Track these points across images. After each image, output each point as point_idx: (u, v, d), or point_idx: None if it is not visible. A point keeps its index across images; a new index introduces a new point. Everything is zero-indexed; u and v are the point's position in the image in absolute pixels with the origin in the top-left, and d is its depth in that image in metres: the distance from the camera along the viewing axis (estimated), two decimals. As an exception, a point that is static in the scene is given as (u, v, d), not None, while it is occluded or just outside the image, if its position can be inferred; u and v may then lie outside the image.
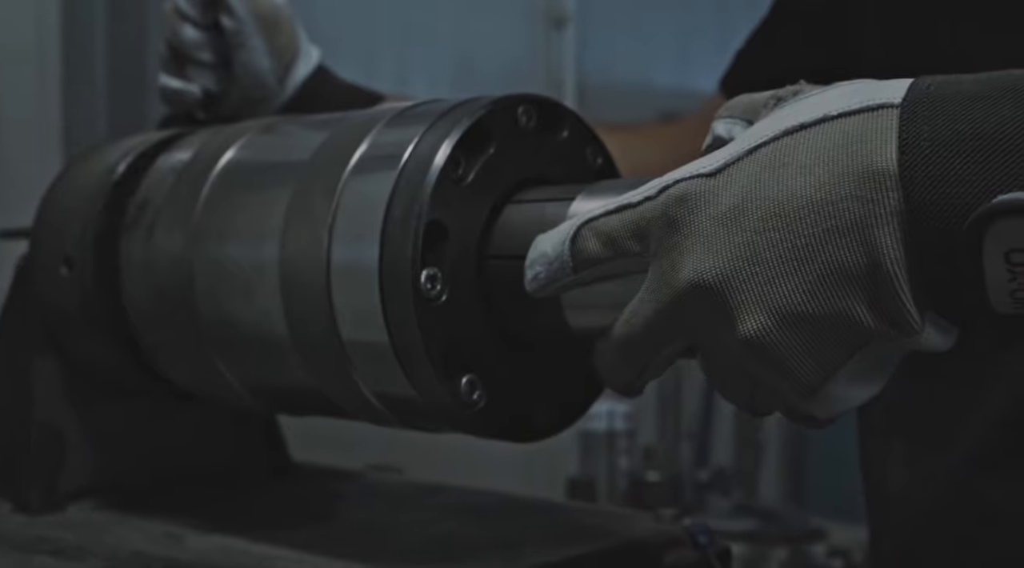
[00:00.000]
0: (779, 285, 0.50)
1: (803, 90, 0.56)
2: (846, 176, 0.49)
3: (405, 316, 0.65)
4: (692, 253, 0.53)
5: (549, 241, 0.60)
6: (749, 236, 0.51)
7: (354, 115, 0.77)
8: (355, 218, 0.67)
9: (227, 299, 0.76)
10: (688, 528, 0.85)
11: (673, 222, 0.54)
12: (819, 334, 0.50)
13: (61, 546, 0.81)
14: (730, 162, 0.53)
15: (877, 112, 0.49)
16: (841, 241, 0.49)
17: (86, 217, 0.86)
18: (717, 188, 0.53)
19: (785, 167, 0.51)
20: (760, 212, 0.51)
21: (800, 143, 0.51)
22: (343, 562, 0.75)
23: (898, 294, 0.48)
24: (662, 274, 0.55)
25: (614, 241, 0.57)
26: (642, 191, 0.57)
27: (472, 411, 0.67)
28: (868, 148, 0.49)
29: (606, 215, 0.58)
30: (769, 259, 0.50)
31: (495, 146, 0.68)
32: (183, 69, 1.01)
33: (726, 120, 0.59)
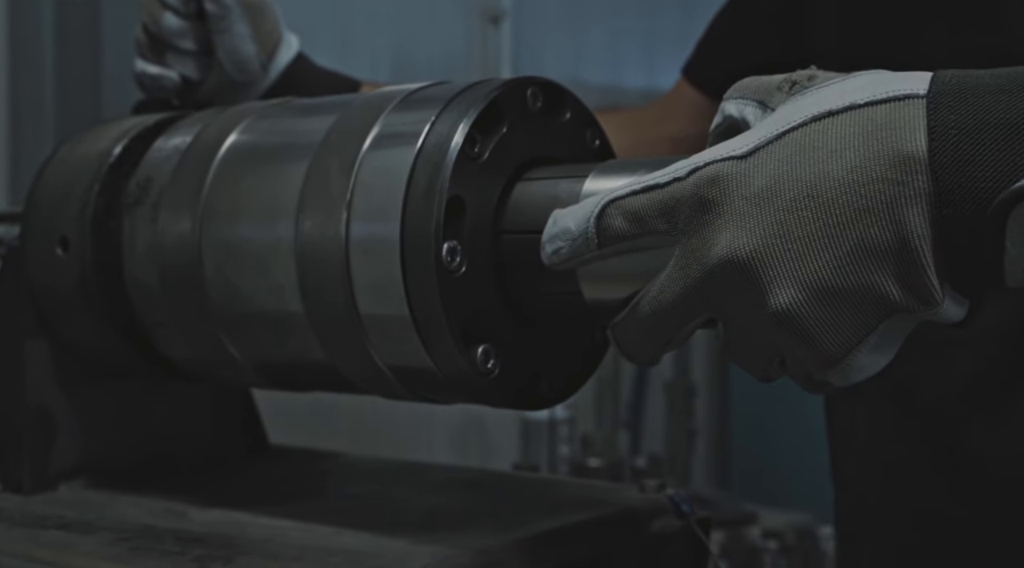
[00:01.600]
0: (811, 261, 0.54)
1: (817, 76, 0.59)
2: (877, 160, 0.52)
3: (427, 288, 0.67)
4: (725, 231, 0.56)
5: (572, 217, 0.63)
6: (782, 215, 0.54)
7: (358, 98, 0.80)
8: (375, 194, 0.70)
9: (238, 276, 0.77)
10: (672, 497, 0.89)
11: (704, 202, 0.57)
12: (847, 307, 0.54)
13: (66, 522, 0.82)
14: (761, 145, 0.56)
15: (904, 102, 0.53)
16: (871, 220, 0.52)
17: (83, 198, 0.87)
18: (749, 170, 0.56)
19: (816, 150, 0.54)
20: (792, 192, 0.54)
21: (829, 129, 0.54)
22: (351, 531, 0.78)
23: (924, 269, 0.52)
24: (692, 251, 0.58)
25: (642, 219, 0.60)
26: (669, 172, 0.59)
27: (487, 380, 0.70)
28: (898, 134, 0.52)
29: (632, 194, 0.60)
30: (801, 236, 0.54)
31: (507, 126, 0.71)
32: (162, 56, 1.02)
33: (737, 101, 0.61)
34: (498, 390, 0.71)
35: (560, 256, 0.63)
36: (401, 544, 0.74)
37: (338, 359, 0.75)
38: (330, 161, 0.73)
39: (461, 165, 0.68)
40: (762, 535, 2.34)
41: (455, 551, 0.72)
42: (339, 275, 0.71)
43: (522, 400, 0.73)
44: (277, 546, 0.74)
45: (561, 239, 0.63)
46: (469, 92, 0.72)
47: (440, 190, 0.67)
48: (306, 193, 0.74)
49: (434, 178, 0.68)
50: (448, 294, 0.67)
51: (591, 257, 0.62)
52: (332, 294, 0.72)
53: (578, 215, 0.62)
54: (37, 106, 1.66)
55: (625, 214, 0.60)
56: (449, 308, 0.68)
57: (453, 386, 0.71)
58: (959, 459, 0.90)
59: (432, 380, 0.72)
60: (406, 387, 0.74)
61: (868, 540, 0.99)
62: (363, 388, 0.77)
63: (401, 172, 0.69)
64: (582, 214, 0.62)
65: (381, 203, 0.69)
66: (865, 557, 1.00)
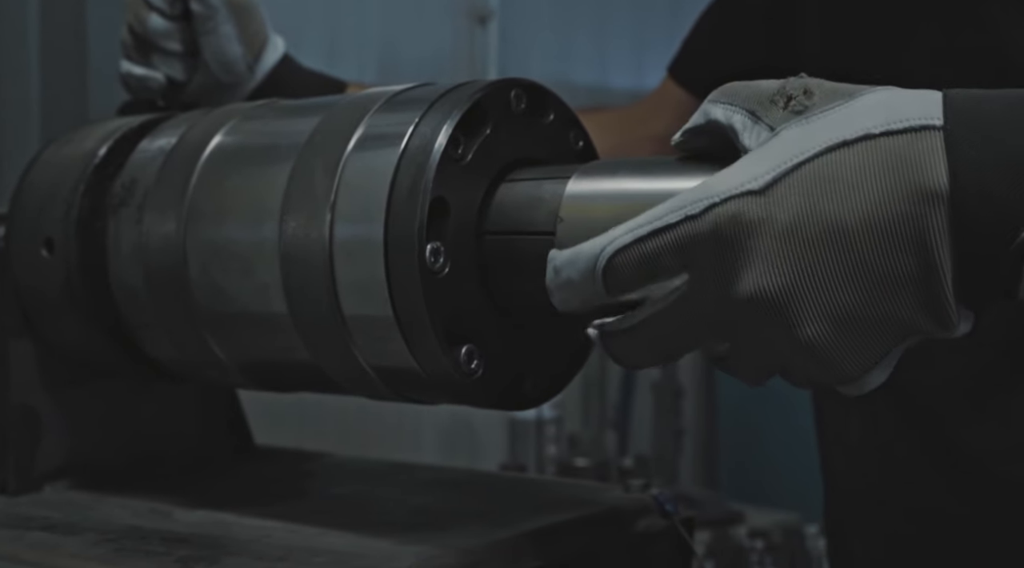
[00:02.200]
0: (838, 295, 0.54)
1: (812, 91, 0.58)
2: (899, 195, 0.53)
3: (411, 289, 0.68)
4: (750, 269, 0.56)
5: (574, 269, 0.61)
6: (807, 252, 0.54)
7: (343, 99, 0.80)
8: (359, 195, 0.70)
9: (222, 277, 0.77)
10: (656, 497, 0.89)
11: (725, 241, 0.56)
12: (870, 334, 0.55)
13: (51, 523, 0.82)
14: (777, 178, 0.55)
15: (921, 133, 0.54)
16: (895, 254, 0.53)
17: (68, 199, 0.87)
18: (770, 206, 0.55)
19: (836, 184, 0.54)
20: (816, 229, 0.54)
21: (847, 160, 0.54)
22: (337, 532, 0.78)
23: (945, 298, 0.53)
24: (710, 286, 0.57)
25: (653, 263, 0.58)
26: (679, 209, 0.57)
27: (471, 380, 0.70)
28: (918, 169, 0.53)
29: (639, 241, 0.58)
30: (827, 272, 0.54)
31: (491, 127, 0.71)
32: (147, 57, 1.02)
33: (724, 106, 0.61)
34: (482, 390, 0.71)
35: (571, 306, 0.63)
36: (386, 544, 0.75)
37: (322, 360, 0.75)
38: (314, 162, 0.73)
39: (445, 166, 0.68)
40: (748, 534, 2.35)
41: (440, 551, 0.73)
42: (323, 276, 0.71)
43: (506, 400, 0.73)
44: (262, 546, 0.75)
45: (567, 290, 0.62)
46: (453, 94, 0.72)
47: (424, 191, 0.67)
48: (290, 194, 0.74)
49: (418, 179, 0.68)
50: (432, 295, 0.68)
51: (604, 303, 0.62)
52: (316, 295, 0.72)
53: (580, 266, 0.60)
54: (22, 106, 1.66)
55: (634, 263, 0.58)
56: (433, 309, 0.68)
57: (437, 387, 0.72)
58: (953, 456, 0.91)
59: (416, 381, 0.72)
60: (390, 388, 0.75)
61: (859, 535, 1.00)
62: (347, 389, 0.78)
63: (385, 173, 0.69)
64: (584, 265, 0.60)
65: (365, 204, 0.70)
66: (856, 551, 1.01)
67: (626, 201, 0.66)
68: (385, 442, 2.29)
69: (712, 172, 0.63)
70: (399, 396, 0.76)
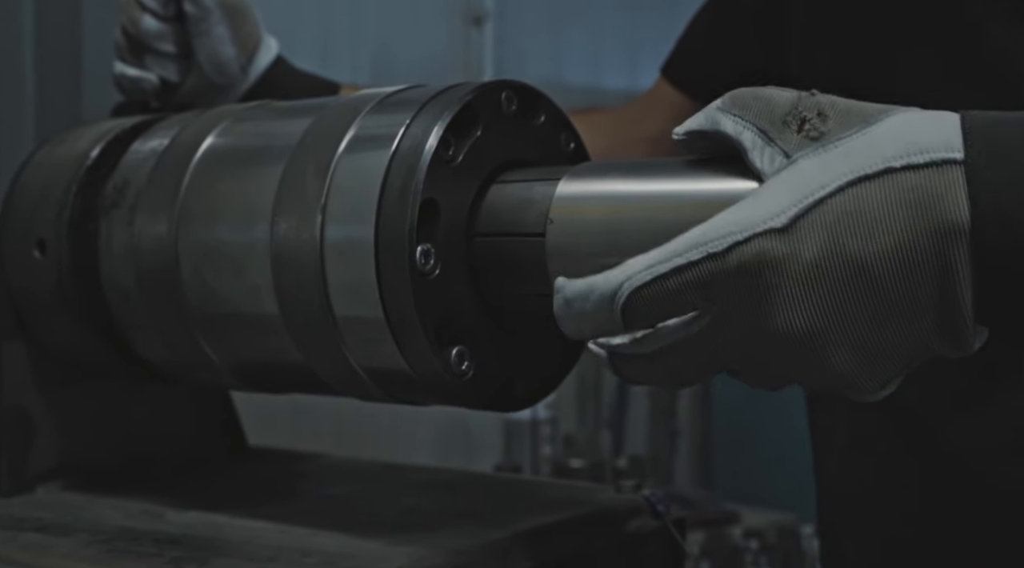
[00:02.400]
0: (861, 326, 0.55)
1: (824, 110, 0.58)
2: (922, 231, 0.54)
3: (401, 290, 0.68)
4: (776, 307, 0.56)
5: (588, 302, 0.59)
6: (833, 289, 0.55)
7: (334, 101, 0.80)
8: (350, 196, 0.70)
9: (214, 278, 0.78)
10: (648, 498, 0.90)
11: (750, 279, 0.56)
12: (891, 358, 0.57)
13: (43, 524, 0.82)
14: (799, 214, 0.55)
15: (942, 168, 0.54)
16: (919, 287, 0.54)
17: (60, 200, 0.87)
18: (794, 245, 0.55)
19: (859, 221, 0.55)
20: (842, 267, 0.55)
21: (869, 196, 0.55)
22: (327, 533, 0.78)
23: (965, 323, 0.55)
24: (737, 322, 0.57)
25: (675, 300, 0.58)
26: (701, 246, 0.57)
27: (461, 382, 0.70)
28: (941, 206, 0.54)
29: (660, 279, 0.57)
30: (852, 306, 0.55)
31: (481, 129, 0.71)
32: (140, 58, 1.02)
33: (735, 119, 0.60)
34: (473, 392, 0.71)
35: (583, 335, 0.62)
36: (377, 545, 0.75)
37: (313, 361, 0.75)
38: (306, 164, 0.74)
39: (435, 168, 0.69)
40: (743, 534, 2.35)
41: (431, 551, 0.73)
42: (314, 277, 0.71)
43: (497, 402, 0.73)
44: (254, 547, 0.75)
45: (580, 322, 0.61)
46: (444, 95, 0.72)
47: (414, 193, 0.68)
48: (282, 196, 0.74)
49: (408, 181, 0.68)
50: (422, 296, 0.68)
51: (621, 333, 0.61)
52: (307, 296, 0.72)
53: (596, 300, 0.59)
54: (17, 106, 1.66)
55: (655, 300, 0.58)
56: (423, 310, 0.68)
57: (428, 388, 0.72)
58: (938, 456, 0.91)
59: (407, 382, 0.72)
60: (381, 389, 0.75)
61: (851, 535, 1.00)
62: (339, 390, 0.78)
63: (376, 175, 0.69)
64: (600, 299, 0.59)
65: (356, 206, 0.70)
66: (849, 552, 1.01)
67: (616, 203, 0.66)
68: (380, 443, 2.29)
69: (704, 175, 0.63)
70: (390, 397, 0.76)
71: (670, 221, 0.63)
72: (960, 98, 0.87)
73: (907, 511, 0.94)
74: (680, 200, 0.64)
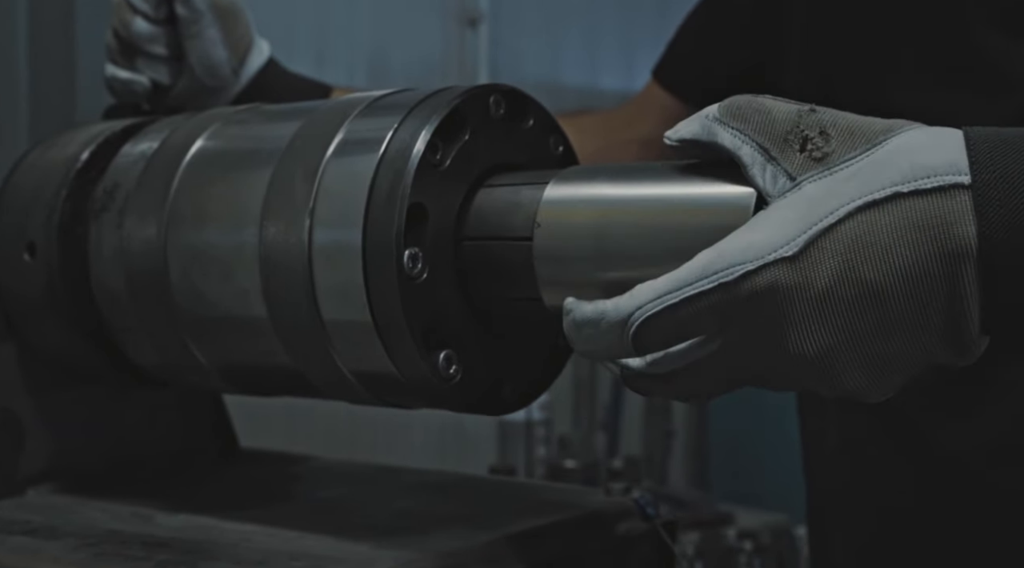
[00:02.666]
0: (873, 348, 0.56)
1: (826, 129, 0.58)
2: (932, 256, 0.55)
3: (388, 294, 0.68)
4: (788, 333, 0.56)
5: (598, 329, 0.60)
6: (844, 314, 0.56)
7: (324, 105, 0.80)
8: (338, 200, 0.70)
9: (203, 281, 0.78)
10: (637, 500, 0.90)
11: (763, 308, 0.57)
12: (900, 372, 0.58)
13: (32, 527, 0.82)
14: (810, 242, 0.56)
15: (950, 193, 0.55)
16: (929, 310, 0.55)
17: (50, 204, 0.87)
18: (806, 273, 0.56)
19: (869, 248, 0.55)
20: (852, 293, 0.56)
21: (878, 222, 0.55)
22: (316, 536, 0.78)
23: (974, 339, 0.56)
24: (750, 348, 0.58)
25: (686, 327, 0.58)
26: (712, 276, 0.57)
27: (449, 385, 0.70)
28: (951, 232, 0.54)
29: (670, 308, 0.58)
30: (865, 332, 0.56)
31: (469, 133, 0.71)
32: (132, 60, 1.02)
33: (733, 133, 0.60)
34: (460, 395, 0.71)
35: (594, 358, 0.64)
36: (366, 548, 0.75)
37: (302, 364, 0.75)
38: (294, 167, 0.74)
39: (423, 172, 0.69)
40: (737, 536, 2.35)
41: (419, 555, 0.73)
42: (302, 281, 0.72)
43: (485, 405, 0.73)
44: (242, 551, 0.75)
45: (590, 345, 0.62)
46: (432, 99, 0.72)
47: (401, 197, 0.68)
48: (270, 199, 0.74)
49: (396, 185, 0.68)
50: (409, 300, 0.68)
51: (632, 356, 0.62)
52: (295, 299, 0.72)
53: (606, 327, 0.60)
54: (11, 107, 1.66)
55: (667, 328, 0.59)
56: (410, 314, 0.68)
57: (416, 391, 0.72)
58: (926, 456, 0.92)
59: (395, 385, 0.72)
60: (370, 392, 0.75)
61: (840, 537, 1.00)
62: (328, 393, 0.78)
63: (363, 179, 0.70)
64: (610, 326, 0.60)
65: (344, 210, 0.70)
66: (838, 554, 1.01)
67: (604, 207, 0.66)
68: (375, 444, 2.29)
69: (693, 179, 0.63)
70: (378, 401, 0.76)
71: (658, 225, 0.64)
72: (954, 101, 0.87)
73: (897, 514, 0.95)
74: (668, 204, 0.64)
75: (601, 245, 0.65)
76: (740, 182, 0.61)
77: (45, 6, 1.65)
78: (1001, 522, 0.89)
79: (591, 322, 0.61)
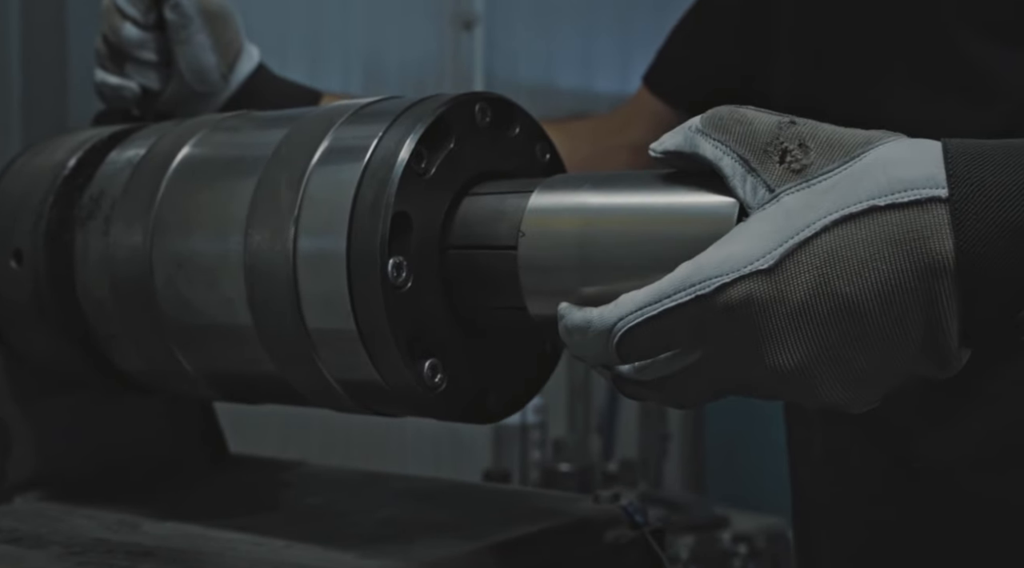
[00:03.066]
0: (853, 364, 0.56)
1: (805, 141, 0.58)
2: (908, 271, 0.54)
3: (372, 302, 0.68)
4: (765, 346, 0.56)
5: (585, 336, 0.61)
6: (821, 329, 0.56)
7: (311, 112, 0.80)
8: (322, 209, 0.70)
9: (188, 289, 0.77)
10: (625, 508, 0.90)
11: (738, 321, 0.57)
12: (880, 385, 0.58)
13: (18, 535, 0.82)
14: (785, 255, 0.56)
15: (927, 206, 0.54)
16: (906, 323, 0.55)
17: (37, 211, 0.87)
18: (781, 286, 0.56)
19: (846, 262, 0.55)
20: (828, 307, 0.55)
21: (855, 236, 0.55)
22: (302, 544, 0.78)
23: (951, 351, 0.56)
24: (728, 359, 0.58)
25: (667, 338, 0.59)
26: (689, 288, 0.57)
27: (434, 394, 0.70)
28: (927, 246, 0.54)
29: (649, 320, 0.58)
30: (840, 344, 0.56)
31: (455, 141, 0.71)
32: (121, 66, 1.02)
33: (715, 145, 0.60)
34: (445, 404, 0.71)
35: (587, 363, 0.65)
36: (351, 557, 0.75)
37: (288, 372, 0.75)
38: (279, 175, 0.74)
39: (407, 181, 0.69)
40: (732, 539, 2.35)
41: (405, 564, 0.73)
42: (287, 289, 0.71)
43: (470, 414, 0.73)
44: (227, 560, 0.75)
45: (580, 350, 0.63)
46: (417, 107, 0.72)
47: (385, 206, 0.68)
48: (255, 207, 0.74)
49: (380, 194, 0.68)
50: (393, 309, 0.68)
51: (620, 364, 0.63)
52: (280, 308, 0.72)
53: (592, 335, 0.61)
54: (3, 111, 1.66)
55: (647, 340, 0.59)
56: (395, 323, 0.68)
57: (401, 400, 0.72)
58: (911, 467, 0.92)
59: (380, 394, 0.72)
60: (355, 401, 0.75)
61: (827, 546, 1.00)
62: (313, 401, 0.78)
63: (348, 187, 0.69)
64: (596, 335, 0.61)
65: (328, 218, 0.70)
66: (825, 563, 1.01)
67: (588, 215, 0.66)
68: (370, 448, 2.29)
69: (677, 189, 0.63)
70: (364, 409, 0.76)
71: (642, 235, 0.63)
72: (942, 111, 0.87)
73: (881, 522, 0.95)
74: (653, 214, 0.64)
75: (585, 254, 0.65)
76: (724, 193, 0.61)
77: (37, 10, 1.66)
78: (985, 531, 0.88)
79: (580, 329, 0.62)
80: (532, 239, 0.67)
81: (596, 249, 0.65)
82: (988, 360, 0.58)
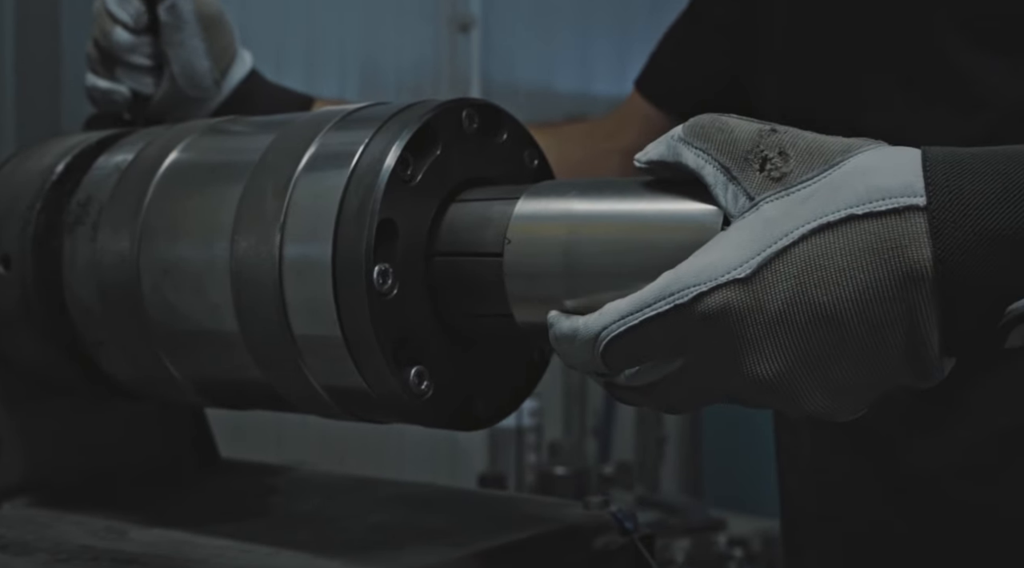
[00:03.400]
0: (832, 372, 0.56)
1: (785, 149, 0.58)
2: (886, 279, 0.54)
3: (358, 309, 0.68)
4: (744, 355, 0.56)
5: (573, 345, 0.62)
6: (799, 338, 0.55)
7: (299, 117, 0.80)
8: (308, 216, 0.70)
9: (175, 295, 0.77)
10: (615, 514, 0.89)
11: (716, 330, 0.57)
12: (861, 394, 0.58)
13: (4, 542, 0.81)
14: (763, 264, 0.56)
15: (904, 214, 0.54)
16: (885, 332, 0.55)
17: (24, 216, 0.86)
18: (758, 295, 0.56)
19: (823, 270, 0.55)
20: (806, 316, 0.55)
21: (832, 244, 0.55)
22: (290, 551, 0.77)
23: (933, 361, 0.56)
24: (709, 368, 0.58)
25: (649, 347, 0.59)
26: (668, 297, 0.58)
27: (420, 401, 0.70)
28: (905, 254, 0.54)
29: (631, 330, 0.59)
30: (820, 353, 0.56)
31: (441, 148, 0.71)
32: (112, 70, 1.02)
33: (697, 153, 0.60)
34: (431, 410, 0.71)
35: (578, 370, 0.65)
36: (339, 564, 0.74)
37: (274, 379, 0.75)
38: (266, 182, 0.73)
39: (393, 188, 0.68)
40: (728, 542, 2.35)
41: (392, 571, 0.73)
42: (273, 296, 0.71)
43: (457, 421, 0.73)
44: (213, 567, 0.74)
45: (569, 358, 0.63)
46: (404, 113, 0.72)
47: (371, 213, 0.67)
48: (242, 213, 0.74)
49: (366, 201, 0.68)
50: (379, 316, 0.68)
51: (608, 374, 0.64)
52: (266, 314, 0.72)
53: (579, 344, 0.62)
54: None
55: (630, 348, 0.60)
56: (380, 330, 0.68)
57: (387, 407, 0.72)
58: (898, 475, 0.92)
59: (366, 401, 0.72)
60: (341, 407, 0.74)
61: (814, 554, 1.00)
62: (300, 408, 0.78)
63: (334, 194, 0.69)
64: (582, 344, 0.61)
65: (314, 225, 0.70)
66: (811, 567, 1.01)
67: (574, 222, 0.66)
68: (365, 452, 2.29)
69: (663, 196, 0.63)
70: (350, 416, 0.76)
71: (627, 241, 0.63)
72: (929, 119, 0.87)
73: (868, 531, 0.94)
74: (638, 222, 0.64)
75: (571, 261, 0.65)
76: (709, 201, 0.61)
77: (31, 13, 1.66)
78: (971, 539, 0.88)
79: (567, 338, 0.62)
80: (518, 246, 0.67)
81: (582, 257, 0.64)
82: (972, 369, 0.58)
